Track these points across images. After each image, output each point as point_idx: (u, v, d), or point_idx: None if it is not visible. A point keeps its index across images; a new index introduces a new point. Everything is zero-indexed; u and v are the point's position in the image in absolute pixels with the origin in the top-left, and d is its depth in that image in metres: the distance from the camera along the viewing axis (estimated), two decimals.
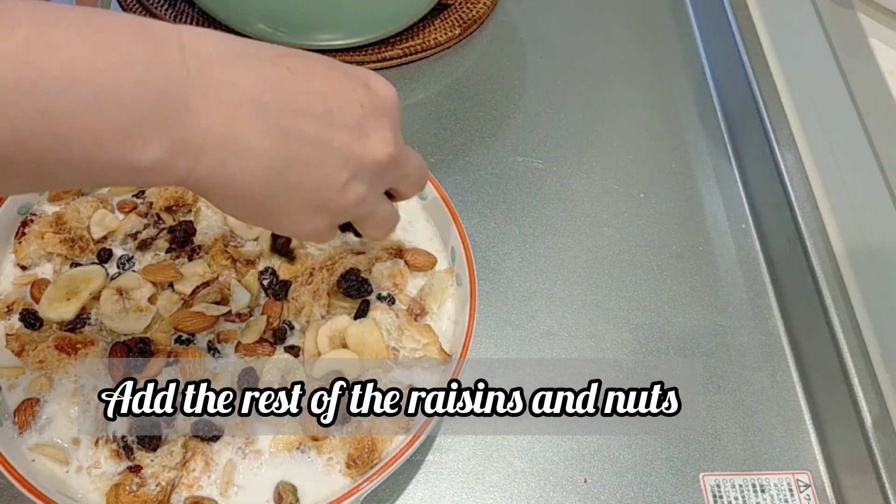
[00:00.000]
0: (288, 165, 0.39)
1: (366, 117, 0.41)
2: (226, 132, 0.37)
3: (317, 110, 0.39)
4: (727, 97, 0.83)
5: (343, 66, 0.42)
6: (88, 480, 0.50)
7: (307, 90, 0.39)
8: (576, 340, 0.65)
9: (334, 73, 0.41)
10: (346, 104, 0.40)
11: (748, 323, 0.68)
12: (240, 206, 0.41)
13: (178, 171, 0.37)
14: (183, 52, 0.36)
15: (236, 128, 0.37)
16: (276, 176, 0.39)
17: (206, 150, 0.36)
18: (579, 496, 0.58)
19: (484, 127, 0.78)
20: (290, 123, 0.38)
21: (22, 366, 0.53)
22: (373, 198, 0.43)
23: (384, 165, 0.42)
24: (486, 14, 0.86)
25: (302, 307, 0.56)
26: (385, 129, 0.42)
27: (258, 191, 0.39)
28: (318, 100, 0.39)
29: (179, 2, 0.83)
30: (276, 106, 0.38)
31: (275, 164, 0.39)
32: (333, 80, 0.40)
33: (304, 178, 0.40)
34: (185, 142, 0.36)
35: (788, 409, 0.63)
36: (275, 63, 0.39)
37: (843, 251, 0.66)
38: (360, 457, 0.50)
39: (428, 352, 0.55)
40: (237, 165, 0.38)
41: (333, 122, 0.40)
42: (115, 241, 0.59)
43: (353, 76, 0.42)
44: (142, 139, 0.35)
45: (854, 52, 0.66)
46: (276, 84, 0.38)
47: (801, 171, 0.72)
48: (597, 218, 0.73)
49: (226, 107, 0.36)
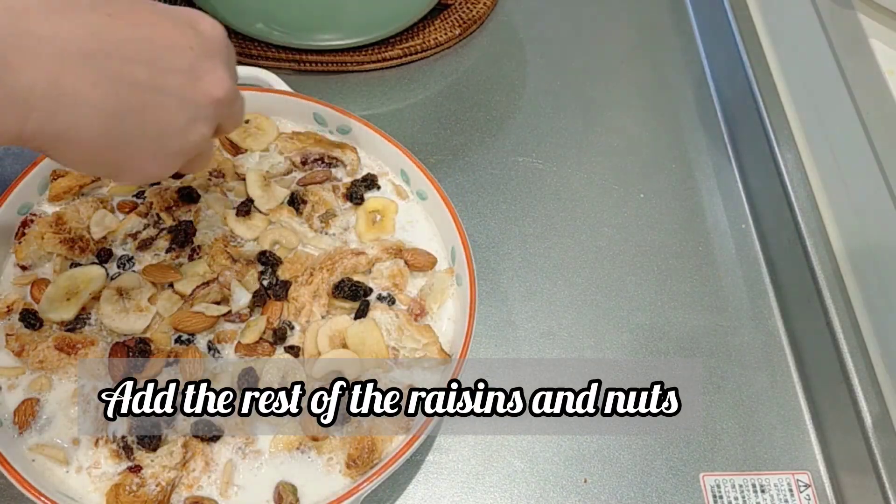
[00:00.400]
0: (123, 113, 0.39)
1: (197, 59, 0.41)
2: (52, 85, 0.36)
3: (145, 56, 0.39)
4: (727, 97, 0.83)
5: (167, 8, 0.42)
6: (88, 480, 0.50)
7: (133, 37, 0.39)
8: (576, 340, 0.65)
9: (159, 18, 0.40)
10: (176, 48, 0.40)
11: (748, 323, 0.68)
12: (80, 159, 0.40)
13: (8, 129, 0.36)
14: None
15: (63, 80, 0.36)
16: (113, 125, 0.39)
17: (33, 105, 0.36)
18: (579, 496, 0.58)
19: (484, 127, 0.78)
20: (120, 71, 0.38)
21: (22, 366, 0.53)
22: (209, 135, 0.44)
23: (221, 103, 0.43)
24: (486, 14, 0.86)
25: (302, 307, 0.56)
26: (218, 69, 0.42)
27: (95, 141, 0.39)
28: (146, 45, 0.39)
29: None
30: (102, 54, 0.37)
31: (109, 114, 0.38)
32: (159, 25, 0.40)
33: (143, 125, 0.40)
34: (10, 99, 0.35)
35: (788, 409, 0.63)
36: (94, 10, 0.38)
37: (843, 251, 0.66)
38: (360, 457, 0.50)
39: (428, 352, 0.55)
40: (69, 118, 0.37)
41: (164, 66, 0.40)
42: (115, 241, 0.59)
43: (179, 18, 0.42)
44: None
45: (854, 52, 0.66)
46: (99, 32, 0.37)
47: (801, 171, 0.72)
48: (597, 218, 0.73)
49: (48, 60, 0.36)
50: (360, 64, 0.80)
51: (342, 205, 0.63)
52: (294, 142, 0.64)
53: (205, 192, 0.62)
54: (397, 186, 0.64)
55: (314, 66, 0.79)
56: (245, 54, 0.79)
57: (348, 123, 0.65)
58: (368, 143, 0.65)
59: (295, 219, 0.61)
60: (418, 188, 0.63)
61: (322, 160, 0.64)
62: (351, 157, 0.64)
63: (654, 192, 0.75)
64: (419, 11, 0.80)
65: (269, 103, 0.66)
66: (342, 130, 0.66)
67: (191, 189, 0.61)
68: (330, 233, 0.61)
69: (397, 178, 0.64)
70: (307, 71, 0.79)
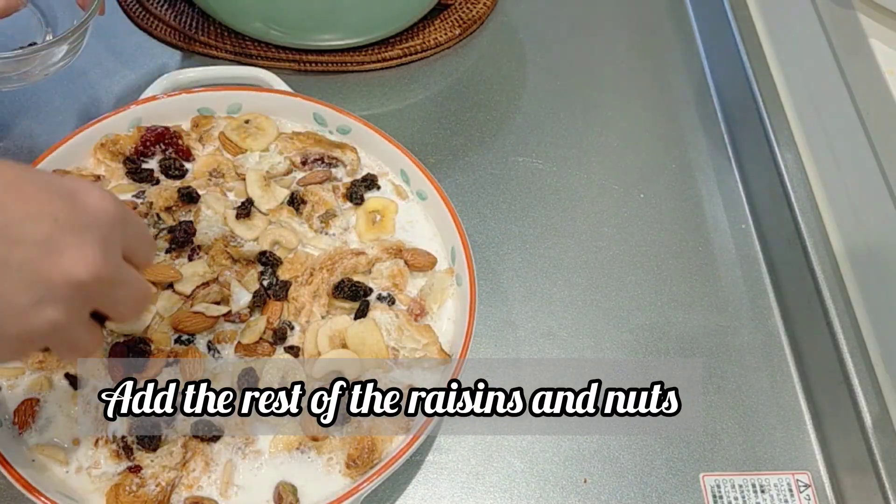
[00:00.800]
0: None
1: (60, 231, 0.35)
2: None
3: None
4: (727, 97, 0.83)
5: (46, 176, 0.37)
6: (88, 480, 0.50)
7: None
8: (576, 340, 0.65)
9: (23, 184, 0.36)
10: (33, 217, 0.35)
11: (748, 323, 0.68)
12: None
13: None
14: None
15: None
16: None
17: None
18: (579, 496, 0.58)
19: (484, 127, 0.78)
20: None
21: (22, 366, 0.53)
22: (74, 322, 0.37)
23: (82, 286, 0.36)
24: (486, 14, 0.86)
25: (302, 307, 0.56)
26: (86, 245, 0.36)
27: None
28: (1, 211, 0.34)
29: (179, 2, 0.83)
30: None
31: None
32: (19, 191, 0.35)
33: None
34: None
35: (788, 409, 0.63)
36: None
37: (843, 251, 0.66)
38: (360, 457, 0.50)
39: (428, 352, 0.55)
40: None
41: (11, 236, 0.34)
42: None
43: (54, 187, 0.36)
44: None
45: (854, 52, 0.66)
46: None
47: (801, 171, 0.72)
48: (597, 218, 0.73)
49: None
50: (360, 64, 0.80)
51: (342, 205, 0.63)
52: (294, 142, 0.64)
53: (205, 192, 0.62)
54: (397, 186, 0.64)
55: (314, 66, 0.79)
56: (245, 54, 0.79)
57: (348, 123, 0.65)
58: (368, 143, 0.65)
59: (295, 219, 0.61)
60: (418, 188, 0.63)
61: (322, 160, 0.64)
62: (351, 157, 0.64)
63: (654, 192, 0.75)
64: (419, 11, 0.80)
65: (269, 103, 0.66)
66: (342, 130, 0.66)
67: (191, 189, 0.61)
68: (330, 233, 0.61)
69: (397, 178, 0.64)
70: (307, 71, 0.79)
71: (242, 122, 0.65)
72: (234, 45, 0.79)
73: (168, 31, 0.80)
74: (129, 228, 0.39)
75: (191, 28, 0.80)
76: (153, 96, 0.64)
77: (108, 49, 0.79)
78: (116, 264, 0.38)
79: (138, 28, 0.81)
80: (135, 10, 0.82)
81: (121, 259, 0.39)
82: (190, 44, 0.80)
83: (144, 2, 0.82)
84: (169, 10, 0.82)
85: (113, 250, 0.38)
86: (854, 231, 0.66)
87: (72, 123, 0.72)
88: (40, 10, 0.67)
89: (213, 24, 0.81)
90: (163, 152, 0.63)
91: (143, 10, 0.82)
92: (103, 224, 0.37)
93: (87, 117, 0.66)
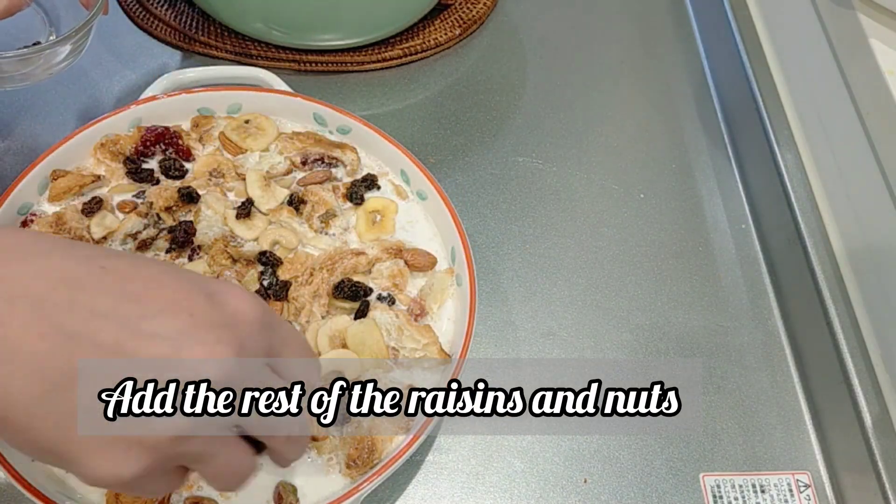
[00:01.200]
0: (71, 378, 0.31)
1: (194, 327, 0.33)
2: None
3: (121, 314, 0.32)
4: (727, 97, 0.83)
5: (188, 274, 0.35)
6: None
7: (116, 291, 0.32)
8: (576, 340, 0.65)
9: (167, 279, 0.34)
10: (168, 310, 0.32)
11: (748, 323, 0.68)
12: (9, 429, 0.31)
13: None
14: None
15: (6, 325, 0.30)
16: (54, 390, 0.31)
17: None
18: (579, 496, 0.58)
19: (484, 127, 0.78)
20: (81, 327, 0.31)
21: None
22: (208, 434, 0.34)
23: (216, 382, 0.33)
24: (486, 14, 0.86)
25: (302, 307, 0.56)
26: (219, 344, 0.33)
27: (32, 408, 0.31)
28: (127, 302, 0.32)
29: (179, 2, 0.83)
30: (65, 305, 0.31)
31: (52, 375, 0.31)
32: (160, 284, 0.33)
33: None
34: None
35: (788, 409, 0.63)
36: (87, 261, 0.32)
37: (843, 251, 0.66)
38: (360, 457, 0.50)
39: (428, 352, 0.55)
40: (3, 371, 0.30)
41: (142, 329, 0.32)
42: (115, 241, 0.59)
43: (197, 285, 0.34)
44: None
45: (854, 52, 0.66)
46: (75, 282, 0.32)
47: (801, 171, 0.72)
48: (597, 218, 0.73)
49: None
50: (360, 64, 0.80)
51: (342, 205, 0.63)
52: (294, 142, 0.64)
53: (205, 192, 0.62)
54: (397, 186, 0.64)
55: (314, 66, 0.79)
56: (245, 54, 0.79)
57: (348, 123, 0.65)
58: (368, 143, 0.65)
59: (295, 219, 0.61)
60: (418, 188, 0.63)
61: (322, 160, 0.64)
62: (351, 157, 0.64)
63: (654, 192, 0.75)
64: (419, 11, 0.80)
65: (269, 103, 0.66)
66: (342, 130, 0.66)
67: (191, 189, 0.61)
68: (330, 233, 0.61)
69: (397, 178, 0.64)
70: (307, 71, 0.79)
71: (242, 122, 0.65)
72: (234, 45, 0.79)
73: (168, 31, 0.80)
74: (277, 335, 0.36)
75: (191, 28, 0.80)
76: (153, 96, 0.64)
77: (109, 49, 0.79)
78: (256, 369, 0.35)
79: (138, 28, 0.81)
80: (135, 10, 0.82)
81: (263, 366, 0.35)
82: (190, 44, 0.80)
83: (144, 2, 0.82)
84: (169, 10, 0.82)
85: (252, 354, 0.34)
86: (854, 231, 0.66)
87: (72, 123, 0.73)
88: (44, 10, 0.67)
89: (214, 24, 0.81)
90: (163, 152, 0.63)
91: (143, 10, 0.82)
92: (242, 325, 0.34)
93: (88, 117, 0.66)
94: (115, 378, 0.32)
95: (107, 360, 0.31)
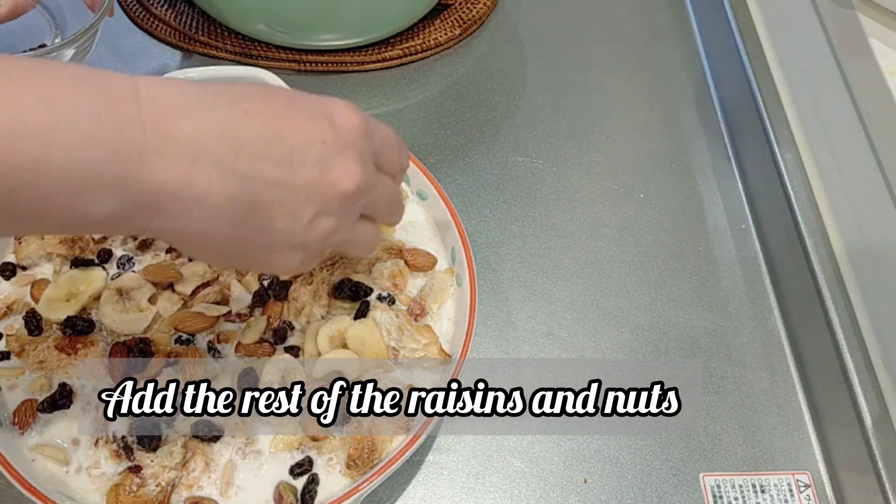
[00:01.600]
0: (249, 211, 0.39)
1: (328, 153, 0.41)
2: (181, 186, 0.37)
3: (276, 154, 0.39)
4: (727, 97, 0.83)
5: (304, 98, 0.42)
6: (88, 481, 0.50)
7: (265, 135, 0.39)
8: (576, 340, 0.65)
9: (294, 112, 0.40)
10: (308, 143, 0.40)
11: (748, 323, 0.68)
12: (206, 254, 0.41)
13: (134, 225, 0.37)
14: (138, 106, 0.36)
15: (192, 181, 0.37)
16: (238, 223, 0.39)
17: (161, 204, 0.37)
18: (579, 496, 0.58)
19: (484, 127, 0.78)
20: (249, 169, 0.38)
21: (22, 366, 0.53)
22: (346, 226, 0.44)
23: (350, 197, 0.42)
24: (486, 14, 0.86)
25: (302, 307, 0.56)
26: (349, 162, 0.41)
27: (222, 239, 0.40)
28: (277, 143, 0.39)
29: (179, 2, 0.83)
30: (232, 154, 0.38)
31: (235, 212, 0.39)
32: (293, 121, 0.40)
33: (268, 221, 0.40)
34: (139, 197, 0.36)
35: (788, 409, 0.63)
36: (231, 108, 0.38)
37: (843, 251, 0.66)
38: (360, 457, 0.50)
39: (428, 352, 0.55)
40: (196, 217, 0.38)
41: (294, 162, 0.40)
42: (116, 242, 0.59)
43: (316, 110, 0.41)
44: (92, 195, 0.35)
45: (854, 52, 0.66)
46: (232, 131, 0.38)
47: (801, 171, 0.72)
48: (597, 218, 0.73)
49: (181, 161, 0.36)
50: (360, 64, 0.80)
51: None
52: None
53: None
54: None
55: (314, 66, 0.79)
56: (245, 54, 0.79)
57: None
58: None
59: None
60: (418, 188, 0.63)
61: None
62: None
63: (654, 192, 0.75)
64: (419, 12, 0.80)
65: None
66: None
67: None
68: None
69: None
70: (307, 71, 0.79)
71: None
72: (234, 44, 0.79)
73: (168, 31, 0.80)
74: (377, 137, 0.44)
75: (191, 28, 0.80)
76: None
77: (109, 49, 0.79)
78: (372, 173, 0.44)
79: (138, 28, 0.81)
80: (135, 10, 0.82)
81: (373, 167, 0.44)
82: (190, 44, 0.80)
83: (145, 2, 0.82)
84: (169, 10, 0.82)
85: (367, 160, 0.43)
86: (854, 231, 0.66)
87: None
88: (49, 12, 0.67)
89: (214, 24, 0.81)
90: None
91: (144, 10, 0.82)
92: (356, 139, 0.42)
93: None
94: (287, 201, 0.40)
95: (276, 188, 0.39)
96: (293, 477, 0.51)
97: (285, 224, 0.40)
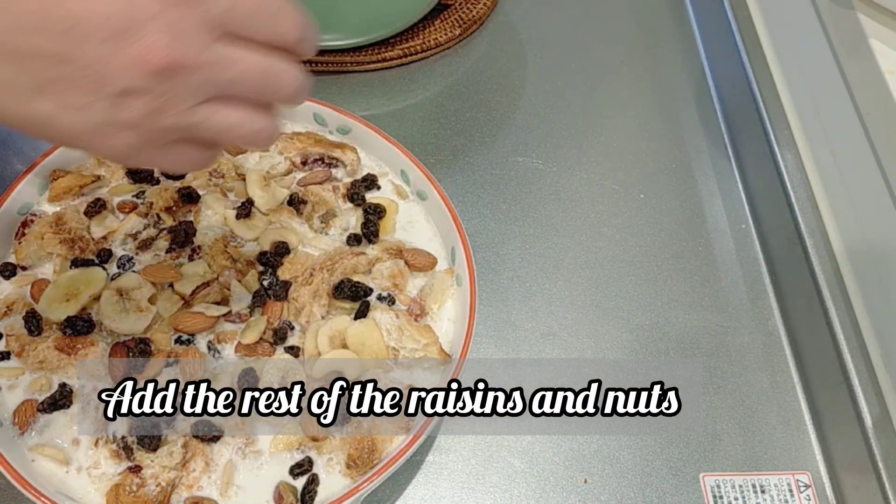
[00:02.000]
0: (37, 88, 0.36)
1: (123, 25, 0.35)
2: None
3: (57, 25, 0.34)
4: (727, 97, 0.83)
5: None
6: (88, 481, 0.50)
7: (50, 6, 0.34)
8: (576, 340, 0.65)
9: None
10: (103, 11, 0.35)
11: (748, 323, 0.68)
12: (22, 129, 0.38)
13: None
14: None
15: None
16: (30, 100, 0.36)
17: None
18: (579, 496, 0.58)
19: (484, 127, 0.78)
20: (24, 44, 0.35)
21: (22, 366, 0.53)
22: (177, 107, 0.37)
23: (161, 73, 0.36)
24: (486, 14, 0.86)
25: (302, 307, 0.56)
26: (153, 34, 0.35)
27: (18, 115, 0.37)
28: (61, 12, 0.34)
29: None
30: (9, 27, 0.35)
31: (22, 90, 0.36)
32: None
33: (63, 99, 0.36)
34: None
35: (788, 409, 0.63)
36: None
37: (843, 251, 0.66)
38: (360, 457, 0.50)
39: (428, 352, 0.55)
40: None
41: (79, 33, 0.34)
42: (115, 242, 0.59)
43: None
44: None
45: (854, 52, 0.66)
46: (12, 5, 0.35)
47: (801, 171, 0.72)
48: (597, 218, 0.73)
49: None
50: (360, 64, 0.80)
51: (342, 205, 0.63)
52: (294, 142, 0.64)
53: (205, 192, 0.62)
54: (397, 186, 0.64)
55: (314, 66, 0.79)
56: None
57: (348, 123, 0.65)
58: (368, 143, 0.65)
59: (295, 219, 0.61)
60: (418, 188, 0.63)
61: (322, 160, 0.64)
62: (351, 158, 0.64)
63: (654, 192, 0.75)
64: (419, 12, 0.80)
65: None
66: (342, 130, 0.66)
67: (191, 189, 0.61)
68: (330, 233, 0.61)
69: (397, 178, 0.64)
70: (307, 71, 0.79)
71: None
72: None
73: None
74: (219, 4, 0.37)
75: None
76: None
77: None
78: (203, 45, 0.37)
79: None
80: None
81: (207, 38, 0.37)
82: None
83: None
84: None
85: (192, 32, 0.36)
86: (854, 231, 0.66)
87: None
88: None
89: None
90: None
91: None
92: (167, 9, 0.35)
93: None
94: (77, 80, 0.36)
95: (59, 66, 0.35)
96: (293, 477, 0.51)
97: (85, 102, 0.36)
